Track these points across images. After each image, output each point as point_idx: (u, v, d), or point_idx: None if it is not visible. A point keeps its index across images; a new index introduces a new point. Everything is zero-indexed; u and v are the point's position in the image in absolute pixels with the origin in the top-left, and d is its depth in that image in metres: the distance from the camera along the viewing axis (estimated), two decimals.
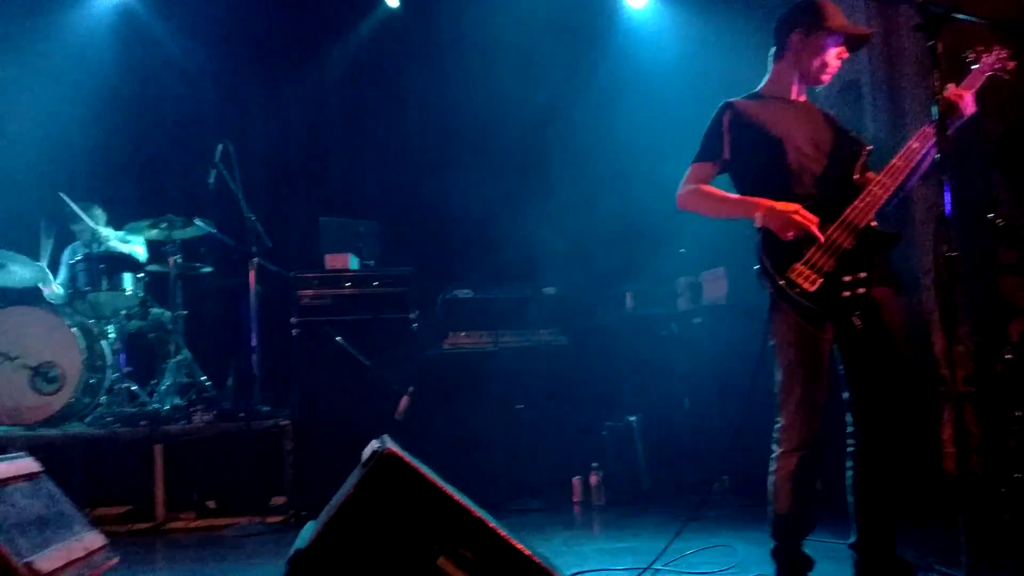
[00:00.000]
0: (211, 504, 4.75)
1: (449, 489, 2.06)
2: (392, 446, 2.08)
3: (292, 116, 6.18)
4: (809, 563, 2.55)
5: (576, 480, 4.72)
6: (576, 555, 3.38)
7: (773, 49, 2.72)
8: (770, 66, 2.74)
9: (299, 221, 5.83)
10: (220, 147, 4.91)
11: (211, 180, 4.88)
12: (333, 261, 5.02)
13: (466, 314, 5.02)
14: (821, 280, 2.42)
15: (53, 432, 4.56)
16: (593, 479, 4.66)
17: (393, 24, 6.21)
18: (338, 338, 4.70)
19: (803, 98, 2.73)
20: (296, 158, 6.20)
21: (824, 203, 2.49)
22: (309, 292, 4.88)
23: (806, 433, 2.48)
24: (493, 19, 5.79)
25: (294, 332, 4.80)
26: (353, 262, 5.06)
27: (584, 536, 3.98)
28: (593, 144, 5.75)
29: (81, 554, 2.73)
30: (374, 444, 2.14)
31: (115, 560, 2.85)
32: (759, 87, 2.76)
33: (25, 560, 2.38)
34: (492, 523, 2.05)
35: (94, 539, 2.91)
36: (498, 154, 5.92)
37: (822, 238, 2.44)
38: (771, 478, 2.55)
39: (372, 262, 5.19)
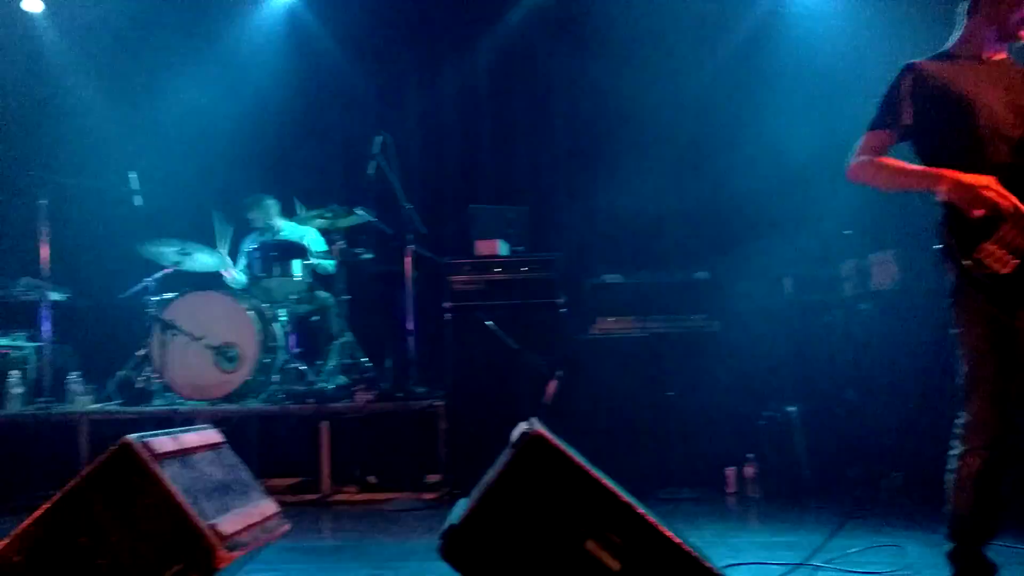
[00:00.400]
0: (372, 479, 5.00)
1: (596, 473, 2.05)
2: (540, 428, 2.09)
3: (445, 106, 6.35)
4: (991, 569, 2.33)
5: (730, 471, 4.58)
6: (729, 547, 3.27)
7: (964, 3, 2.46)
8: (961, 22, 2.47)
9: (451, 208, 5.98)
10: (379, 139, 5.14)
11: (371, 171, 5.12)
12: (483, 247, 5.12)
13: (615, 299, 4.97)
14: (1016, 262, 2.19)
15: (233, 407, 4.95)
16: (749, 470, 4.50)
17: (542, 12, 6.22)
18: (488, 322, 4.79)
19: (1001, 56, 2.45)
20: (449, 147, 6.36)
21: (1022, 174, 2.24)
22: (461, 277, 5.00)
23: (995, 430, 2.26)
24: (642, 4, 5.69)
25: (447, 316, 4.94)
26: (502, 248, 5.13)
27: (738, 528, 3.85)
28: (746, 125, 5.52)
29: (258, 519, 2.94)
30: (523, 426, 2.16)
31: (287, 527, 3.05)
32: (947, 45, 2.50)
33: (210, 522, 2.60)
34: (640, 509, 2.02)
35: (269, 506, 3.13)
36: (647, 140, 5.81)
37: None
38: (951, 476, 2.35)
39: (521, 248, 5.24)
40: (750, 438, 4.60)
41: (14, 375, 4.92)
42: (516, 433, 2.14)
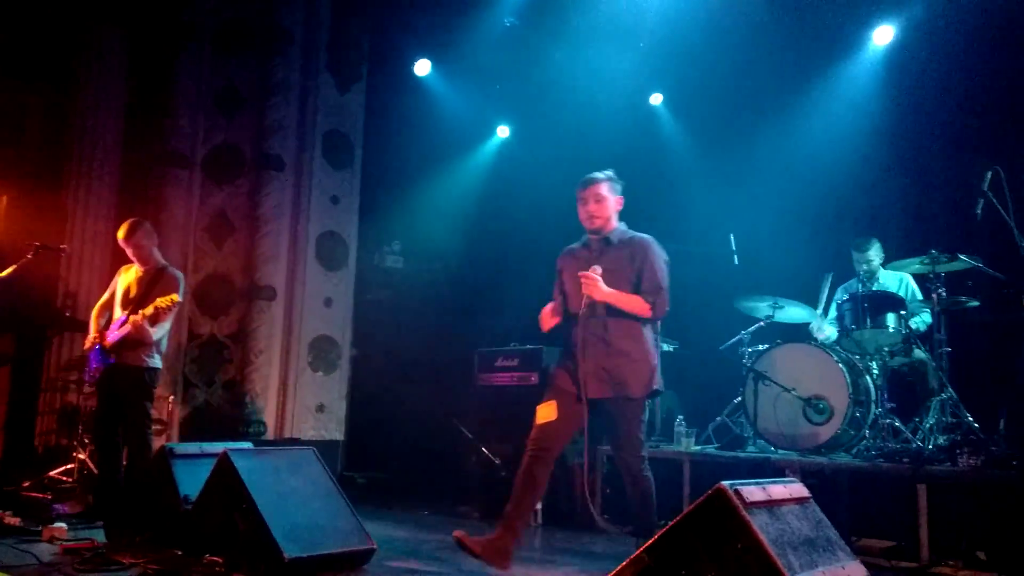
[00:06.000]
0: (981, 555, 4.45)
1: None
2: None
3: None
4: None
5: None
6: None
7: None
8: None
9: None
10: (988, 174, 4.67)
11: (978, 210, 4.67)
12: None
13: None
14: None
15: (823, 460, 4.97)
16: None
17: None
18: None
19: None
20: None
21: None
22: None
23: None
24: None
25: None
26: None
27: None
28: None
29: None
30: None
31: None
32: None
33: (796, 575, 2.71)
34: None
35: (856, 568, 3.10)
36: None
37: None
38: None
39: None
40: None
41: None
42: None
